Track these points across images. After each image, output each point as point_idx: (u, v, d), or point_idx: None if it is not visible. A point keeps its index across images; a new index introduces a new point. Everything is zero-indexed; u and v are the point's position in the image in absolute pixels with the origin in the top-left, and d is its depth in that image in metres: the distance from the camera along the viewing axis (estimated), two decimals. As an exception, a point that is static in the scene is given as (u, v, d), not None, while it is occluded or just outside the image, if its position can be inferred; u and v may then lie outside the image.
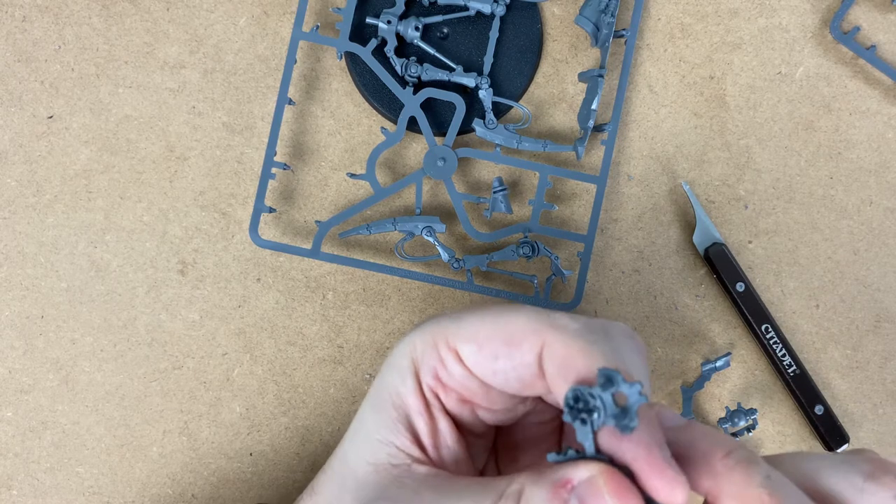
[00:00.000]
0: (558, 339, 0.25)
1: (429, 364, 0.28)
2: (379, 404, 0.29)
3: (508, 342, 0.26)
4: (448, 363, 0.27)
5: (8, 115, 0.46)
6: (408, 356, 0.28)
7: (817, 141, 0.48)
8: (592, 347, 0.25)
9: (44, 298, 0.47)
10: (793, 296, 0.48)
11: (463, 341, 0.27)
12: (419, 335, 0.29)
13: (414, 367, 0.28)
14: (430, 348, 0.28)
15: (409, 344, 0.29)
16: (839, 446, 0.46)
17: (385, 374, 0.29)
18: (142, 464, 0.47)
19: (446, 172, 0.45)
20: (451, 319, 0.28)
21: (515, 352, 0.26)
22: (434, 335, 0.28)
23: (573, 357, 0.25)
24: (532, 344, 0.26)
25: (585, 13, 0.45)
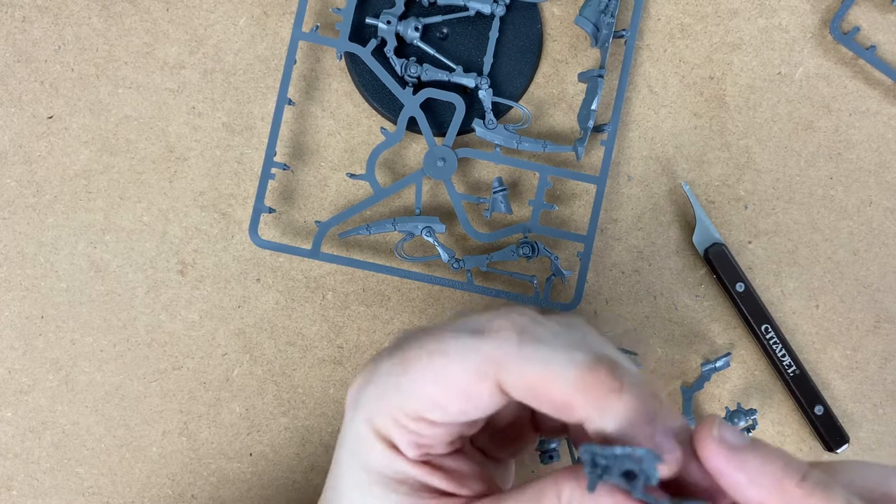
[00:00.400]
0: (508, 373, 0.24)
1: (405, 439, 0.26)
2: (378, 488, 0.27)
3: (466, 396, 0.25)
4: (423, 430, 0.26)
5: (8, 115, 0.47)
6: (375, 439, 0.26)
7: (817, 141, 0.48)
8: (543, 369, 0.24)
9: (44, 298, 0.47)
10: (793, 296, 0.48)
11: (423, 409, 0.25)
12: (370, 412, 0.26)
13: (389, 445, 0.26)
14: (396, 426, 0.26)
15: (366, 425, 0.27)
16: (839, 446, 0.46)
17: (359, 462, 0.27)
18: (142, 464, 0.47)
19: (446, 173, 0.45)
20: (393, 388, 0.26)
21: (478, 400, 0.25)
22: (389, 412, 0.26)
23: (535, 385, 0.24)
24: (488, 388, 0.25)
25: (585, 13, 0.45)
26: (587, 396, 0.23)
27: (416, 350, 0.26)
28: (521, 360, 0.24)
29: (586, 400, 0.23)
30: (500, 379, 0.24)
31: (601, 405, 0.23)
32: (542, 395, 0.24)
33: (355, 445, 0.27)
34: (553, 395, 0.24)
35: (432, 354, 0.25)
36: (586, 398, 0.23)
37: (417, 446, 0.26)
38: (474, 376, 0.25)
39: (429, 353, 0.26)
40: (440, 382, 0.25)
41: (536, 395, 0.24)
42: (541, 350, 0.24)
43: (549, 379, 0.24)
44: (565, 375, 0.24)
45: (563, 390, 0.23)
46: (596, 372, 0.23)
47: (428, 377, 0.25)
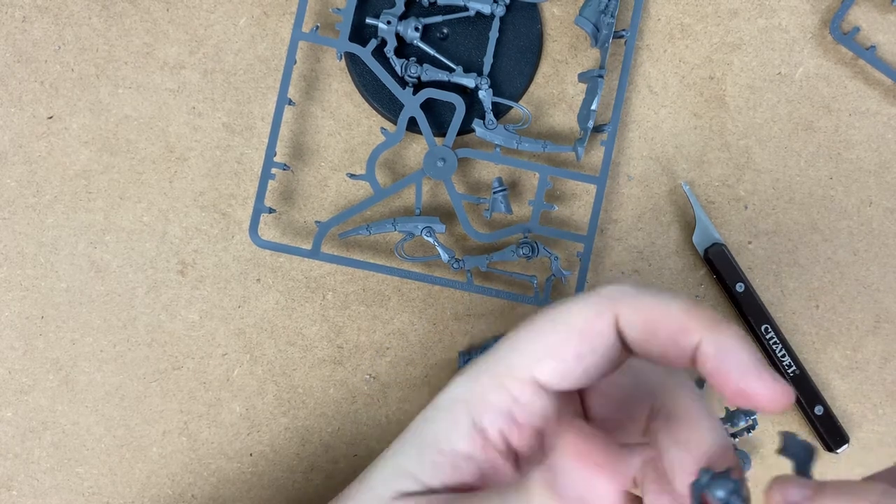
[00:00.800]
0: (626, 307, 0.26)
1: (497, 408, 0.27)
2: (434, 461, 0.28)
3: (586, 336, 0.26)
4: (524, 398, 0.27)
5: (8, 116, 0.47)
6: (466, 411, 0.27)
7: (817, 141, 0.48)
8: (658, 301, 0.26)
9: (44, 299, 0.47)
10: (793, 296, 0.48)
11: (538, 364, 0.26)
12: (473, 381, 0.28)
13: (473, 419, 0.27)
14: (497, 390, 0.27)
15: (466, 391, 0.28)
16: (839, 446, 0.46)
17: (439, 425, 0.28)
18: (142, 464, 0.47)
19: (446, 173, 0.45)
20: (508, 350, 0.27)
21: (597, 340, 0.26)
22: (496, 375, 0.27)
23: (652, 317, 0.25)
24: (607, 324, 0.26)
25: (585, 13, 0.45)
26: (701, 321, 0.25)
27: (536, 315, 0.27)
28: (638, 296, 0.26)
29: (700, 323, 0.25)
30: (619, 313, 0.26)
31: (714, 328, 0.24)
32: (658, 323, 0.25)
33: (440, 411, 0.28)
34: (669, 322, 0.25)
35: (550, 310, 0.27)
36: (700, 322, 0.25)
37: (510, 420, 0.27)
38: (593, 312, 0.26)
39: (546, 311, 0.27)
40: (561, 325, 0.26)
41: (652, 325, 0.25)
42: (653, 290, 0.26)
43: (664, 308, 0.25)
44: (679, 306, 0.25)
45: (678, 316, 0.25)
46: (703, 306, 0.25)
47: (547, 326, 0.26)
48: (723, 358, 0.24)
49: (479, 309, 0.47)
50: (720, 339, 0.24)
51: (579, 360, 0.26)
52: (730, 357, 0.24)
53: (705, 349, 0.25)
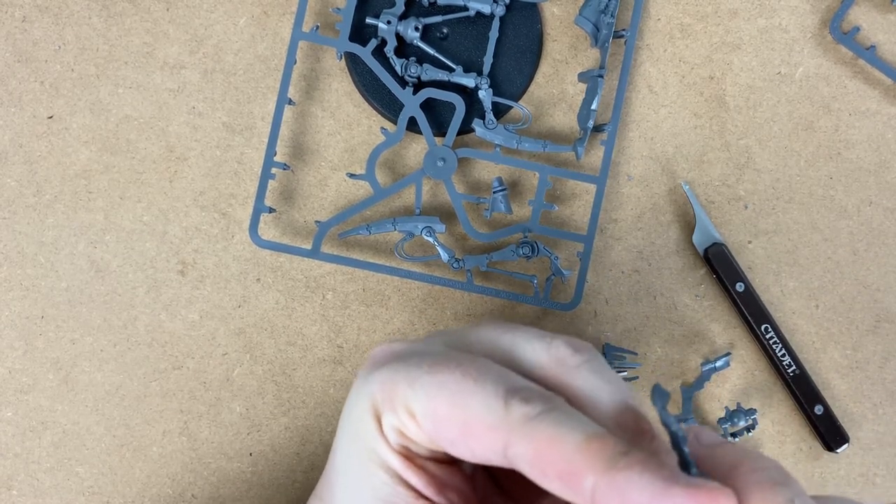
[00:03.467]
0: (519, 439, 0.23)
1: (390, 423, 0.26)
2: (362, 467, 0.27)
3: (465, 432, 0.24)
4: (409, 428, 0.25)
5: (8, 115, 0.47)
6: (370, 413, 0.26)
7: (817, 141, 0.48)
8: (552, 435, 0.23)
9: (44, 298, 0.47)
10: (793, 296, 0.48)
11: (421, 414, 0.25)
12: (375, 388, 0.26)
13: (378, 424, 0.26)
14: (390, 409, 0.26)
15: (366, 398, 0.27)
16: (839, 446, 0.46)
17: (352, 431, 0.27)
18: (142, 464, 0.47)
19: (446, 172, 0.45)
20: (410, 379, 0.25)
21: (476, 447, 0.24)
22: (391, 394, 0.26)
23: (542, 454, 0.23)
24: (494, 444, 0.24)
25: (585, 13, 0.45)
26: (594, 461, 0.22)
27: (453, 364, 0.25)
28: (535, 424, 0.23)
29: (593, 465, 0.22)
30: (509, 442, 0.23)
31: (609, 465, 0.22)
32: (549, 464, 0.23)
33: (350, 414, 0.27)
34: (559, 461, 0.22)
35: (464, 378, 0.25)
36: (593, 462, 0.22)
37: (399, 434, 0.26)
38: (491, 424, 0.24)
39: (462, 374, 0.25)
40: (455, 404, 0.24)
41: (542, 465, 0.23)
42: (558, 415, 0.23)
43: (555, 444, 0.23)
44: (573, 439, 0.22)
45: (569, 454, 0.22)
46: (603, 437, 0.22)
47: (447, 390, 0.24)
48: (623, 499, 0.21)
49: (479, 309, 0.47)
50: (615, 480, 0.22)
51: (452, 447, 0.25)
52: (631, 495, 0.21)
53: (601, 496, 0.22)
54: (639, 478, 0.21)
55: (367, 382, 0.27)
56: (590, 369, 0.25)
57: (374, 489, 0.27)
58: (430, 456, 0.27)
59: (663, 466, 0.22)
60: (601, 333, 0.47)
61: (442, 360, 0.25)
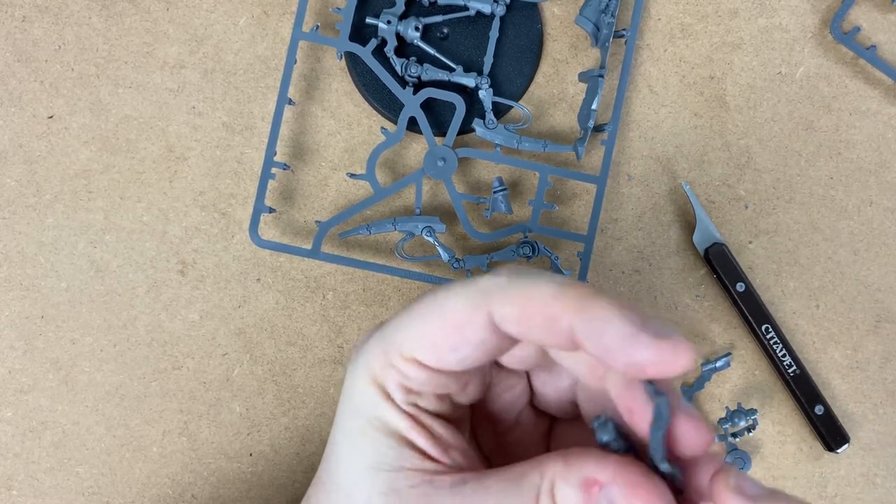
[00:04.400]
0: (498, 302, 0.25)
1: (393, 381, 0.27)
2: (364, 437, 0.28)
3: (460, 329, 0.26)
4: (411, 373, 0.27)
5: (8, 115, 0.47)
6: (369, 382, 0.28)
7: (817, 141, 0.48)
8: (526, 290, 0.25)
9: (44, 298, 0.47)
10: (793, 296, 0.48)
11: (417, 348, 0.26)
12: (369, 356, 0.28)
13: (381, 389, 0.27)
14: (387, 367, 0.27)
15: (363, 369, 0.28)
16: (839, 446, 0.46)
17: (352, 407, 0.28)
18: (142, 464, 0.47)
19: (446, 172, 0.45)
20: (394, 329, 0.27)
21: (470, 334, 0.26)
22: (385, 353, 0.27)
23: (523, 309, 0.25)
24: (481, 319, 0.26)
25: (585, 13, 0.45)
26: (568, 302, 0.24)
27: (422, 296, 0.27)
28: (509, 287, 0.25)
29: (567, 305, 0.24)
30: (493, 309, 0.25)
31: (582, 307, 0.24)
32: (530, 314, 0.25)
33: (350, 391, 0.28)
34: (539, 311, 0.24)
35: (436, 294, 0.27)
36: (567, 304, 0.24)
37: (405, 390, 0.27)
38: (467, 306, 0.26)
39: (434, 293, 0.27)
40: (437, 316, 0.26)
41: (525, 317, 0.25)
42: (526, 279, 0.25)
43: (532, 295, 0.25)
44: (546, 291, 0.24)
45: (545, 302, 0.24)
46: (573, 284, 0.24)
47: (426, 313, 0.26)
48: (597, 338, 0.23)
49: (479, 309, 0.47)
50: (589, 317, 0.23)
51: (455, 351, 0.26)
52: (604, 334, 0.23)
53: (579, 334, 0.24)
54: (610, 317, 0.23)
55: (358, 359, 0.28)
56: None
57: (378, 456, 0.27)
58: (436, 411, 0.28)
59: (634, 310, 0.23)
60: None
61: (416, 303, 0.28)
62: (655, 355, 0.22)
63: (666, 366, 0.22)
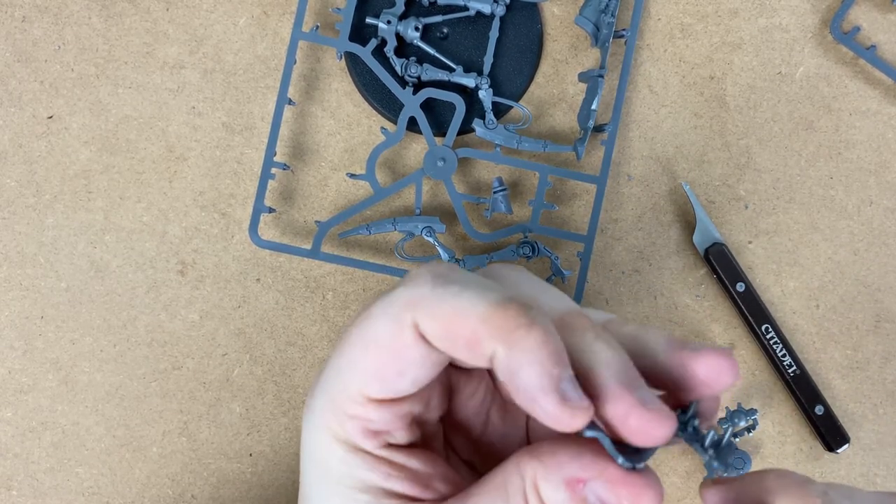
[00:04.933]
0: (422, 314, 0.24)
1: (357, 430, 0.25)
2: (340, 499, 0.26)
3: (397, 354, 0.24)
4: (371, 414, 0.25)
5: (8, 115, 0.47)
6: (332, 441, 0.26)
7: (817, 141, 0.48)
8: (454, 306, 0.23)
9: (44, 299, 0.47)
10: (793, 296, 0.48)
11: (364, 387, 0.25)
12: (321, 415, 0.26)
13: (346, 445, 0.26)
14: (344, 418, 0.25)
15: (321, 430, 0.26)
16: (839, 446, 0.46)
17: (320, 472, 0.26)
18: (142, 464, 0.47)
19: (446, 172, 0.45)
20: (334, 376, 0.25)
21: (409, 354, 0.24)
22: (335, 404, 0.25)
23: (449, 325, 0.23)
24: (411, 336, 0.24)
25: (585, 13, 0.45)
26: (494, 329, 0.22)
27: (349, 328, 0.26)
28: (434, 299, 0.24)
29: (492, 333, 0.22)
30: (418, 323, 0.24)
31: (508, 339, 0.22)
32: (454, 333, 0.23)
33: (314, 455, 0.27)
34: (462, 331, 0.23)
35: (360, 322, 0.25)
36: (493, 331, 0.23)
37: (373, 434, 0.26)
38: (394, 326, 0.24)
39: (357, 323, 0.25)
40: (368, 345, 0.24)
41: (449, 335, 0.23)
42: (452, 288, 0.24)
43: (458, 313, 0.23)
44: (475, 310, 0.23)
45: (471, 324, 0.23)
46: (506, 307, 0.23)
47: (357, 346, 0.25)
48: (511, 375, 0.22)
49: (479, 309, 0.47)
50: (511, 353, 0.22)
51: (402, 376, 0.24)
52: (519, 374, 0.22)
53: (496, 363, 0.23)
54: (532, 360, 0.22)
55: (311, 420, 0.26)
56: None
57: None
58: (409, 442, 0.26)
59: (557, 358, 0.22)
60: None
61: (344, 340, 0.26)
62: (555, 416, 0.22)
63: (560, 424, 0.22)
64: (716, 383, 0.23)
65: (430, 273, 0.25)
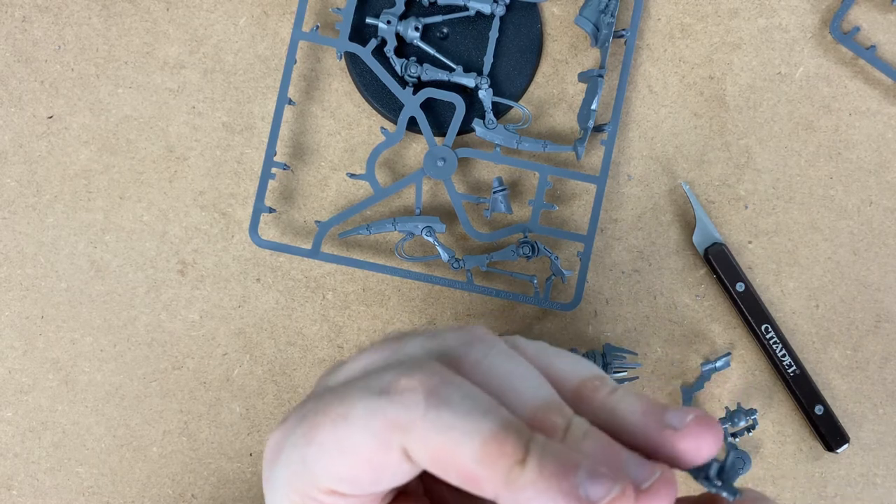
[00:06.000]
0: (413, 440, 0.22)
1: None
2: None
3: (374, 467, 0.23)
4: (337, 503, 0.24)
5: (8, 115, 0.47)
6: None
7: (817, 141, 0.48)
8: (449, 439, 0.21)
9: (44, 298, 0.47)
10: (793, 296, 0.48)
11: (334, 483, 0.23)
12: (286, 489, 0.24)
13: None
14: (308, 500, 0.24)
15: (283, 497, 0.25)
16: (839, 446, 0.46)
17: None
18: (142, 464, 0.47)
19: (446, 172, 0.45)
20: (296, 460, 0.24)
21: (388, 468, 0.23)
22: (299, 487, 0.24)
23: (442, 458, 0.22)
24: (395, 457, 0.22)
25: (585, 13, 0.45)
26: (490, 468, 0.21)
27: (320, 417, 0.24)
28: (426, 427, 0.22)
29: (490, 476, 0.21)
30: (406, 447, 0.22)
31: (505, 478, 0.21)
32: (450, 468, 0.22)
33: None
34: (459, 468, 0.22)
35: (335, 421, 0.23)
36: (490, 474, 0.21)
37: None
38: (379, 445, 0.22)
39: (332, 420, 0.23)
40: (345, 453, 0.23)
41: (444, 468, 0.22)
42: (446, 416, 0.22)
43: (453, 450, 0.21)
44: (470, 446, 0.21)
45: (466, 463, 0.21)
46: (502, 441, 0.21)
47: (332, 448, 0.23)
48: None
49: (479, 309, 0.47)
50: (515, 495, 0.21)
51: (376, 484, 0.23)
52: None
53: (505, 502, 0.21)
54: (538, 497, 0.21)
55: (274, 493, 0.25)
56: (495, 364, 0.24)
57: None
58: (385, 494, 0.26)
59: (564, 477, 0.21)
60: (601, 333, 0.47)
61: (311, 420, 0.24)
62: None
63: None
64: (697, 457, 0.22)
65: (423, 391, 0.23)
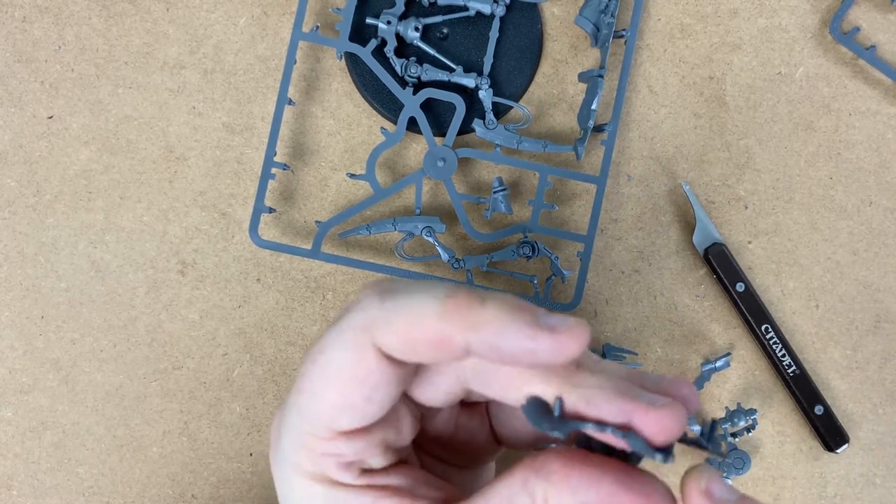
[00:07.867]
0: (380, 334, 0.23)
1: (333, 466, 0.25)
2: None
3: (362, 380, 0.24)
4: (343, 448, 0.25)
5: (8, 115, 0.47)
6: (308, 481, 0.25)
7: (817, 141, 0.48)
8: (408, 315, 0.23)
9: (44, 299, 0.47)
10: (793, 296, 0.48)
11: (334, 420, 0.24)
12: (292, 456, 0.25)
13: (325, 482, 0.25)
14: (317, 456, 0.25)
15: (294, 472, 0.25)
16: (839, 446, 0.46)
17: None
18: (142, 464, 0.47)
19: (446, 173, 0.45)
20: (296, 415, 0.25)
21: (374, 377, 0.24)
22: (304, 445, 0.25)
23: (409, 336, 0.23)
24: (373, 358, 0.24)
25: (585, 13, 0.45)
26: (455, 320, 0.22)
27: (304, 367, 0.25)
28: (387, 315, 0.23)
29: (456, 324, 0.22)
30: (378, 343, 0.23)
31: (473, 323, 0.22)
32: (418, 341, 0.23)
33: (294, 500, 0.26)
34: (426, 335, 0.23)
35: (315, 359, 0.25)
36: (455, 322, 0.22)
37: (349, 465, 0.25)
38: (354, 353, 0.24)
39: (312, 360, 0.25)
40: (330, 381, 0.24)
41: (414, 345, 0.23)
42: (401, 298, 0.23)
43: (415, 320, 0.23)
44: (430, 310, 0.23)
45: (431, 325, 0.23)
46: (455, 296, 0.23)
47: (318, 382, 0.24)
48: (496, 349, 0.22)
49: (479, 309, 0.47)
50: (483, 332, 0.22)
51: (371, 401, 0.24)
52: (502, 344, 0.22)
53: (476, 349, 0.23)
54: (505, 326, 0.22)
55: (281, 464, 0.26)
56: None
57: None
58: (389, 463, 0.26)
59: (522, 309, 0.22)
60: (601, 333, 0.47)
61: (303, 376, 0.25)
62: (556, 345, 0.22)
63: (566, 352, 0.22)
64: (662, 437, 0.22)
65: (375, 291, 0.24)
